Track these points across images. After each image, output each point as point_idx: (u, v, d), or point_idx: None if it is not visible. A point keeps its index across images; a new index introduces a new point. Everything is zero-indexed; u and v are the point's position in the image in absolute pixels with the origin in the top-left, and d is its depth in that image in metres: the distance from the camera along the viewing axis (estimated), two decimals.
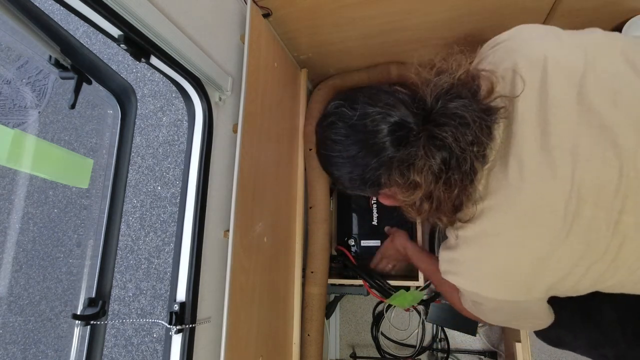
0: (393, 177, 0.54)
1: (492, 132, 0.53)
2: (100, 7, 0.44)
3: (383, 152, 0.53)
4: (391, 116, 0.53)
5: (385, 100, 0.55)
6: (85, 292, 0.60)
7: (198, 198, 0.63)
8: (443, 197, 0.53)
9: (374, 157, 0.54)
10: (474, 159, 0.51)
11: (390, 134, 0.53)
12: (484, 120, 0.52)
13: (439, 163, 0.51)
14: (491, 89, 0.54)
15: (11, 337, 1.76)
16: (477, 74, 0.56)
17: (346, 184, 0.61)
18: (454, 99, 0.52)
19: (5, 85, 2.05)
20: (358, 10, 0.77)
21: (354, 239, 1.07)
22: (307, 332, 0.89)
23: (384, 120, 0.53)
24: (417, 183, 0.53)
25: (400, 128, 0.53)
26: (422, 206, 0.55)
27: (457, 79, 0.54)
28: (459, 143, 0.50)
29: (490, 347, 1.14)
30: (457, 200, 0.53)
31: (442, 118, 0.52)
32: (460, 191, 0.52)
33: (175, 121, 1.83)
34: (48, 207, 1.87)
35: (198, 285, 0.61)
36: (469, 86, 0.54)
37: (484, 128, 0.52)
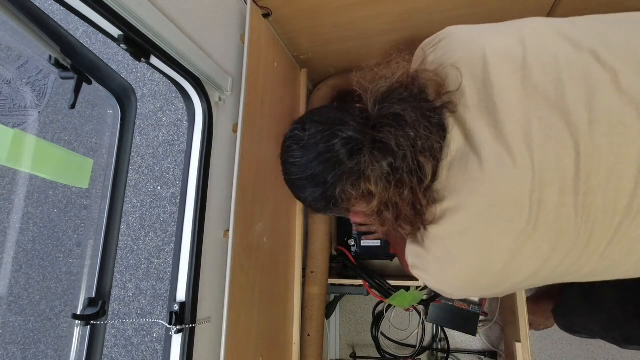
0: (347, 190, 0.54)
1: (441, 126, 0.52)
2: (100, 7, 0.44)
3: (337, 167, 0.53)
4: (339, 130, 0.54)
5: (333, 116, 0.56)
6: (85, 292, 0.60)
7: (198, 198, 0.63)
8: (400, 202, 0.52)
9: (329, 173, 0.54)
10: (418, 155, 0.50)
11: (341, 148, 0.53)
12: (426, 116, 0.51)
13: (386, 167, 0.51)
14: (439, 89, 0.53)
15: (11, 337, 1.76)
16: (417, 75, 0.55)
17: (314, 205, 0.62)
18: (392, 101, 0.52)
19: (5, 85, 2.05)
20: (358, 10, 0.77)
21: (354, 239, 1.07)
22: (307, 332, 0.89)
23: (333, 135, 0.54)
24: (370, 191, 0.53)
25: (349, 140, 0.53)
26: (384, 216, 0.54)
27: (396, 82, 0.54)
28: (400, 142, 0.50)
29: (490, 347, 1.14)
30: (416, 203, 0.52)
31: (382, 121, 0.52)
32: (413, 191, 0.51)
33: (175, 121, 1.83)
34: (48, 207, 1.87)
35: (198, 285, 0.61)
36: (409, 88, 0.54)
37: (428, 124, 0.51)
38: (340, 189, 0.54)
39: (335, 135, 0.54)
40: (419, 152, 0.51)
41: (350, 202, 0.57)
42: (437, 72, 0.55)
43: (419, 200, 0.52)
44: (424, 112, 0.51)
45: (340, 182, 0.54)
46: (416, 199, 0.52)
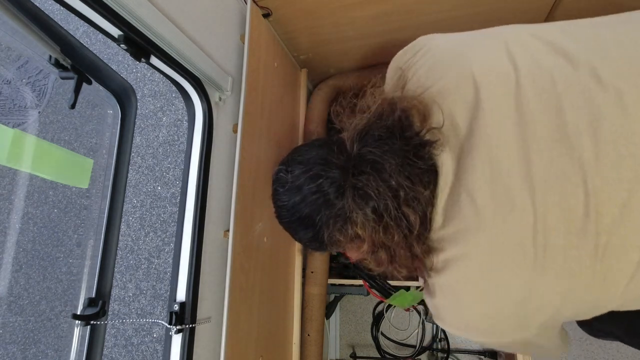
0: (334, 236, 0.53)
1: (428, 171, 0.48)
2: (100, 7, 0.44)
3: (324, 209, 0.51)
4: (322, 170, 0.51)
5: (316, 156, 0.54)
6: (85, 292, 0.60)
7: (198, 198, 0.63)
8: (393, 246, 0.50)
9: (317, 215, 0.52)
10: (402, 206, 0.47)
11: (329, 188, 0.51)
12: (408, 163, 0.47)
13: (370, 213, 0.48)
14: (423, 119, 0.49)
15: (11, 337, 1.76)
16: (395, 103, 0.51)
17: (310, 246, 0.60)
18: (369, 142, 0.49)
19: (5, 85, 2.05)
20: (358, 10, 0.77)
21: None
22: (307, 332, 0.89)
23: (316, 176, 0.51)
24: (358, 235, 0.51)
25: (330, 184, 0.51)
26: (379, 256, 0.52)
27: (373, 115, 0.51)
28: (380, 192, 0.47)
29: (490, 347, 1.14)
30: (411, 247, 0.49)
31: (360, 166, 0.49)
32: (406, 237, 0.48)
33: (175, 121, 1.83)
34: (48, 207, 1.87)
35: (198, 285, 0.61)
36: (387, 121, 0.50)
37: (410, 172, 0.47)
38: (328, 233, 0.53)
39: (319, 176, 0.51)
40: (402, 203, 0.47)
41: (341, 245, 0.56)
42: (420, 100, 0.50)
43: (413, 246, 0.49)
44: (405, 156, 0.48)
45: (327, 226, 0.52)
46: (410, 245, 0.49)
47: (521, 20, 0.80)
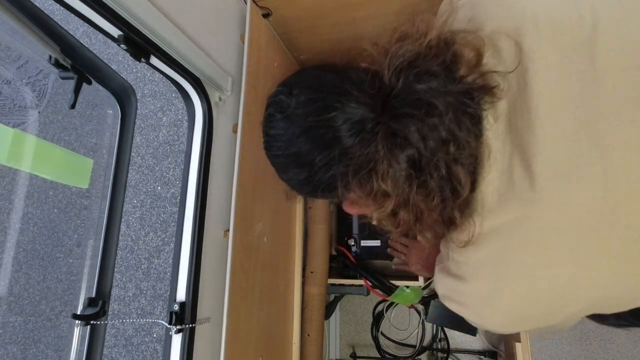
0: (351, 186, 0.44)
1: (480, 124, 0.40)
2: (100, 7, 0.44)
3: (330, 149, 0.42)
4: (338, 101, 0.42)
5: (332, 82, 0.44)
6: (85, 292, 0.60)
7: (198, 198, 0.63)
8: (423, 207, 0.42)
9: (319, 154, 0.43)
10: (452, 164, 0.39)
11: (342, 124, 0.41)
12: (463, 108, 0.39)
13: (405, 167, 0.40)
14: (477, 60, 0.40)
15: (11, 337, 1.76)
16: (452, 38, 0.41)
17: (298, 189, 0.51)
18: (420, 76, 0.39)
19: (5, 85, 2.05)
20: (358, 10, 0.77)
21: (354, 239, 1.07)
22: (307, 332, 0.89)
23: (328, 107, 0.42)
24: (384, 192, 0.42)
25: (350, 120, 0.41)
26: (400, 217, 0.44)
27: (426, 46, 0.41)
28: (427, 143, 0.39)
29: (490, 347, 1.14)
30: (445, 213, 0.42)
31: (404, 107, 0.39)
32: (445, 202, 0.41)
33: (175, 121, 1.83)
34: (48, 207, 1.87)
35: (198, 285, 0.61)
36: (441, 56, 0.40)
37: (464, 120, 0.39)
38: (342, 180, 0.43)
39: (333, 108, 0.42)
40: (452, 161, 0.39)
41: (348, 194, 0.47)
42: (480, 37, 0.41)
43: (454, 211, 0.42)
44: (459, 99, 0.39)
45: (339, 172, 0.43)
46: (450, 210, 0.41)
47: None
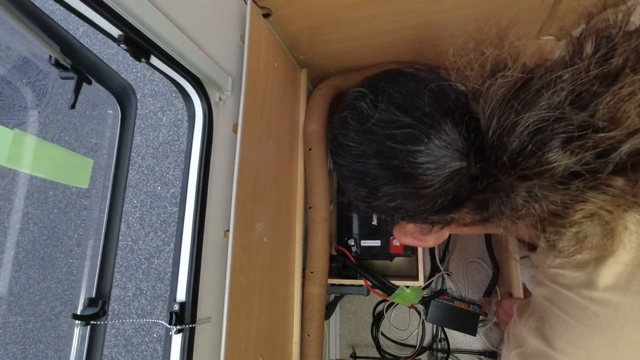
0: (412, 221, 0.41)
1: None
2: (100, 7, 0.44)
3: (402, 184, 0.37)
4: (426, 138, 0.35)
5: (424, 108, 0.36)
6: (85, 292, 0.60)
7: (198, 198, 0.63)
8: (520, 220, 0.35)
9: (388, 184, 0.38)
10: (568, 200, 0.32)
11: (417, 165, 0.36)
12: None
13: (520, 202, 0.33)
14: None
15: (11, 337, 1.76)
16: None
17: (353, 201, 0.46)
18: (540, 144, 0.30)
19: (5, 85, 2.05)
20: (358, 10, 0.77)
21: (354, 239, 1.07)
22: (307, 332, 0.89)
23: (412, 139, 0.36)
24: (461, 219, 0.39)
25: (434, 163, 0.36)
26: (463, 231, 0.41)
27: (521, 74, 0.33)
28: (533, 206, 0.32)
29: (490, 347, 1.14)
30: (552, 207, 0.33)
31: (507, 168, 0.32)
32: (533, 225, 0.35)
33: (175, 121, 1.83)
34: (48, 207, 1.87)
35: (198, 285, 0.61)
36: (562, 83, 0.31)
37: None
38: (390, 205, 0.39)
39: (419, 141, 0.35)
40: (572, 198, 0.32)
41: (406, 225, 0.43)
42: None
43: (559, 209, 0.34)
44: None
45: (400, 201, 0.38)
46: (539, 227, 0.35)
47: (521, 19, 0.80)
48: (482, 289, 1.13)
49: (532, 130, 0.31)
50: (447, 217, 0.39)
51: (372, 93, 0.40)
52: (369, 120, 0.39)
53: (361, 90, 0.41)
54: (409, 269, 1.18)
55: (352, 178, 0.42)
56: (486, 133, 0.33)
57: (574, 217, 0.32)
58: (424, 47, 0.91)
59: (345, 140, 0.41)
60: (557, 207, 0.31)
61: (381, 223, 1.04)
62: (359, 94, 0.41)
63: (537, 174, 0.31)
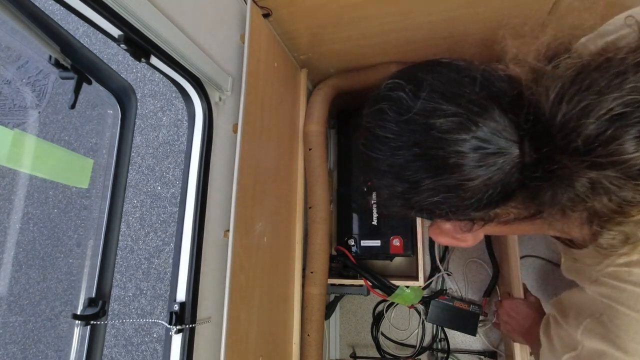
0: (454, 219, 0.39)
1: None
2: (100, 7, 0.44)
3: (446, 176, 0.35)
4: (474, 125, 0.33)
5: (469, 96, 0.34)
6: (85, 292, 0.60)
7: (198, 198, 0.63)
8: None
9: (429, 178, 0.36)
10: None
11: (464, 154, 0.34)
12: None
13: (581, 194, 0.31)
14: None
15: (11, 337, 1.76)
16: None
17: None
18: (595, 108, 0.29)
19: (5, 85, 2.05)
20: (358, 10, 0.77)
21: (354, 239, 1.07)
22: (307, 332, 0.89)
23: (458, 128, 0.34)
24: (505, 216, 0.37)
25: (484, 151, 0.34)
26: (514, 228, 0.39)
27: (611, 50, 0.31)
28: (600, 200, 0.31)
29: (490, 347, 1.14)
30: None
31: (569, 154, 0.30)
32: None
33: (175, 121, 1.83)
34: (48, 207, 1.87)
35: (198, 285, 0.61)
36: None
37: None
38: (444, 207, 0.37)
39: (465, 129, 0.33)
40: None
41: (444, 223, 0.42)
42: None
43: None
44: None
45: (443, 196, 0.36)
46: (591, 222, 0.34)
47: (521, 20, 0.80)
48: (482, 289, 1.13)
49: (615, 114, 0.28)
50: (492, 213, 0.37)
51: (410, 83, 0.37)
52: (409, 110, 0.36)
53: (397, 81, 0.38)
54: (409, 269, 1.18)
55: (389, 173, 0.39)
56: (552, 116, 0.31)
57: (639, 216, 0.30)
58: (424, 47, 0.91)
59: (383, 132, 0.38)
60: (624, 203, 0.30)
61: (381, 223, 1.04)
62: (395, 84, 0.38)
63: (612, 162, 0.28)
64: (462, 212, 0.37)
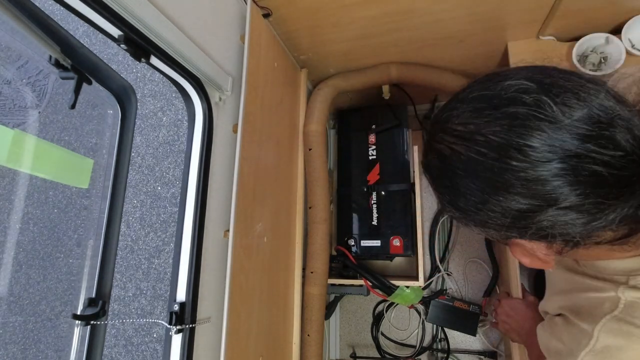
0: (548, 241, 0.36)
1: None
2: (100, 7, 0.44)
3: (596, 192, 0.32)
4: (627, 138, 0.31)
5: (614, 109, 0.32)
6: (85, 292, 0.60)
7: (198, 198, 0.63)
8: None
9: (575, 194, 0.32)
10: None
11: (602, 167, 0.31)
12: None
13: None
14: None
15: (11, 337, 1.76)
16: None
17: (450, 210, 0.39)
18: None
19: (5, 85, 2.05)
20: (358, 10, 0.77)
21: (354, 239, 1.07)
22: (307, 332, 0.89)
23: (611, 140, 0.31)
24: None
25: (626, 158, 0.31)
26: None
27: None
28: None
29: (490, 347, 1.14)
30: None
31: None
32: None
33: (175, 121, 1.83)
34: (48, 207, 1.87)
35: (198, 285, 0.61)
36: None
37: None
38: (568, 224, 0.33)
39: (614, 142, 0.31)
40: None
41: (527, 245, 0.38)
42: None
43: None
44: None
45: (573, 214, 0.33)
46: None
47: (521, 20, 0.80)
48: (482, 289, 1.14)
49: None
50: (594, 234, 0.35)
51: (543, 89, 0.33)
52: (559, 120, 0.32)
53: (527, 84, 0.34)
54: (409, 269, 1.18)
55: (518, 187, 0.33)
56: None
57: None
58: (424, 47, 0.91)
59: (526, 140, 0.32)
60: None
61: (381, 223, 1.04)
62: (527, 87, 0.34)
63: None
64: (580, 232, 0.34)
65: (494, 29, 0.84)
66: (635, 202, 0.32)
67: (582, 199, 0.32)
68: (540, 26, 0.83)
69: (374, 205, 1.06)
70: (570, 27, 0.82)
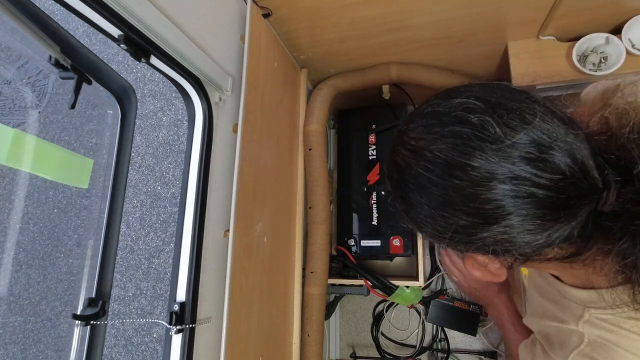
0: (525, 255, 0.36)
1: None
2: (100, 7, 0.44)
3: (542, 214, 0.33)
4: (576, 162, 0.32)
5: (558, 130, 0.33)
6: (85, 292, 0.60)
7: (198, 198, 0.63)
8: None
9: (520, 215, 0.33)
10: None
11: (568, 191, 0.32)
12: None
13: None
14: None
15: (11, 337, 1.76)
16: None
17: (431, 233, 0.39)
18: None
19: (5, 85, 2.05)
20: (358, 10, 0.77)
21: (354, 239, 1.07)
22: (307, 332, 0.89)
23: (555, 165, 0.32)
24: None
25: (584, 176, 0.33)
26: None
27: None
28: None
29: (490, 347, 1.14)
30: None
31: None
32: None
33: (175, 121, 1.83)
34: (48, 207, 1.87)
35: (198, 285, 0.61)
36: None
37: None
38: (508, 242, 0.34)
39: (557, 168, 0.32)
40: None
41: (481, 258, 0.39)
42: None
43: None
44: None
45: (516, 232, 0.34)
46: None
47: (521, 20, 0.80)
48: None
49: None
50: (542, 252, 0.36)
51: (489, 107, 0.34)
52: (500, 141, 0.32)
53: (473, 102, 0.35)
54: (409, 269, 1.18)
55: (458, 204, 0.35)
56: None
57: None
58: (424, 47, 0.91)
59: (467, 160, 0.33)
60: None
61: (381, 223, 1.04)
62: (473, 106, 0.34)
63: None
64: (523, 250, 0.35)
65: (493, 29, 0.84)
66: (577, 223, 0.33)
67: (521, 219, 0.33)
68: (540, 26, 0.83)
69: (374, 205, 1.06)
70: (570, 27, 0.82)
